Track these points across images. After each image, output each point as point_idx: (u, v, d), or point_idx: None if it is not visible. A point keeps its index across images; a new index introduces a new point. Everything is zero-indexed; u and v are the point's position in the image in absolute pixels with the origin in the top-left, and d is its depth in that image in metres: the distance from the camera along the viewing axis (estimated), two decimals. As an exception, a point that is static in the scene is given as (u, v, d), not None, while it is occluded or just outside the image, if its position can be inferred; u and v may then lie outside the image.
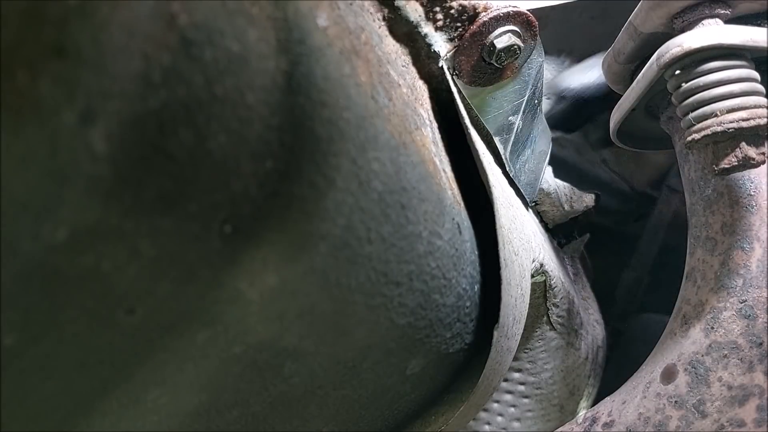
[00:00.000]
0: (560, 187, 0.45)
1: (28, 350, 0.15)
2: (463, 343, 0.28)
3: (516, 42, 0.30)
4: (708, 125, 0.28)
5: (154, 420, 0.20)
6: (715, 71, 0.28)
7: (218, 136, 0.15)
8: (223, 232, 0.16)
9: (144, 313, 0.16)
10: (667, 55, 0.29)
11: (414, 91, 0.28)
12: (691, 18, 0.30)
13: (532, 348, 0.40)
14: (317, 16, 0.19)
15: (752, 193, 0.31)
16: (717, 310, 0.31)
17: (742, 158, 0.28)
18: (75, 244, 0.14)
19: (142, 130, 0.14)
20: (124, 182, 0.14)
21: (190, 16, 0.14)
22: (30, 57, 0.12)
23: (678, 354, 0.31)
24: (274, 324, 0.20)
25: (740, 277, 0.30)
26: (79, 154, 0.13)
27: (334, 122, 0.18)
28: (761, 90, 0.28)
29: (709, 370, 0.30)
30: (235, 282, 0.18)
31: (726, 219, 0.31)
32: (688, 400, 0.30)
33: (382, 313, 0.23)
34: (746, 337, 0.30)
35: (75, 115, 0.13)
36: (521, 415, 0.42)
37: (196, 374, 0.20)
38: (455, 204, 0.27)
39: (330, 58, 0.19)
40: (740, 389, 0.29)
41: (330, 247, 0.19)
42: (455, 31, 0.29)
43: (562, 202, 0.44)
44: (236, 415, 0.22)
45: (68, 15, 0.12)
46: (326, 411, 0.25)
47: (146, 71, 0.14)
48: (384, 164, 0.21)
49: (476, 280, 0.28)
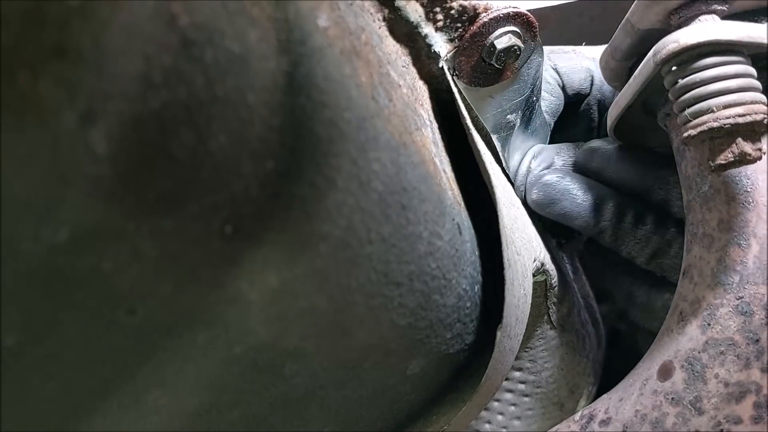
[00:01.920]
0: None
1: (29, 350, 0.15)
2: (463, 344, 0.28)
3: (516, 43, 0.30)
4: (704, 121, 0.28)
5: (154, 420, 0.20)
6: (712, 67, 0.28)
7: (219, 136, 0.15)
8: (224, 232, 0.16)
9: (145, 313, 0.16)
10: (663, 51, 0.29)
11: (414, 92, 0.28)
12: (688, 14, 0.30)
13: (532, 347, 0.40)
14: (318, 16, 0.19)
15: (749, 189, 0.31)
16: (713, 307, 0.31)
17: (738, 154, 0.28)
18: (76, 244, 0.14)
19: (143, 130, 0.14)
20: (125, 183, 0.14)
21: (190, 16, 0.14)
22: (31, 58, 0.12)
23: (675, 351, 0.31)
24: (275, 324, 0.20)
25: (737, 273, 0.30)
26: (79, 154, 0.13)
27: (334, 123, 0.18)
28: (758, 86, 0.28)
29: (706, 366, 0.30)
30: (235, 282, 0.18)
31: (723, 215, 0.31)
32: (685, 397, 0.30)
33: (382, 314, 0.23)
34: (743, 334, 0.30)
35: (76, 116, 0.13)
36: (521, 414, 0.42)
37: (196, 375, 0.20)
38: (455, 204, 0.27)
39: (331, 58, 0.19)
40: (737, 386, 0.29)
41: (331, 248, 0.19)
42: (455, 32, 0.29)
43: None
44: (237, 415, 0.22)
45: (69, 16, 0.12)
46: (327, 411, 0.25)
47: (147, 72, 0.14)
48: (384, 165, 0.21)
49: (477, 281, 0.28)
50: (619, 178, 0.38)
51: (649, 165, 0.37)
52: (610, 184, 0.38)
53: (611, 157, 0.38)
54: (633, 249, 0.38)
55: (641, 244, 0.37)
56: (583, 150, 0.39)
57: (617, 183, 0.38)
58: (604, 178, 0.38)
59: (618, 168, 0.38)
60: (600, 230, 0.38)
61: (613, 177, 0.38)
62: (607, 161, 0.38)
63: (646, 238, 0.37)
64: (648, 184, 0.37)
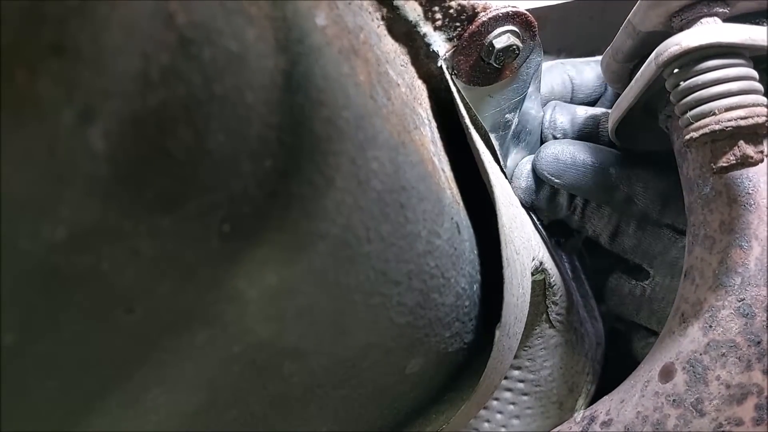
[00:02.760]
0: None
1: (27, 350, 0.15)
2: (462, 343, 0.28)
3: (515, 42, 0.30)
4: (706, 123, 0.28)
5: (153, 419, 0.20)
6: (714, 70, 0.28)
7: (217, 135, 0.15)
8: (222, 231, 0.16)
9: (143, 312, 0.16)
10: (665, 54, 0.29)
11: (413, 91, 0.28)
12: (690, 16, 0.30)
13: (531, 346, 0.40)
14: (316, 15, 0.19)
15: (750, 191, 0.31)
16: (715, 309, 0.31)
17: (740, 156, 0.28)
18: (74, 243, 0.14)
19: (141, 129, 0.14)
20: (123, 181, 0.14)
21: (188, 15, 0.14)
22: (29, 56, 0.12)
23: (676, 352, 0.31)
24: (274, 323, 0.20)
25: (738, 275, 0.30)
26: (78, 153, 0.13)
27: (333, 121, 0.18)
28: (759, 89, 0.28)
29: (708, 368, 0.30)
30: (234, 281, 0.18)
31: (724, 217, 0.31)
32: (687, 399, 0.30)
33: (381, 313, 0.23)
34: (744, 336, 0.30)
35: (74, 114, 0.13)
36: (520, 413, 0.42)
37: (195, 374, 0.20)
38: (454, 203, 0.27)
39: (329, 57, 0.19)
40: (738, 388, 0.29)
41: (329, 247, 0.19)
42: (454, 31, 0.29)
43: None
44: (236, 414, 0.22)
45: (68, 14, 0.12)
46: (326, 410, 0.25)
47: (145, 70, 0.14)
48: (383, 163, 0.21)
49: (476, 280, 0.28)
50: (578, 184, 0.38)
51: (608, 167, 0.38)
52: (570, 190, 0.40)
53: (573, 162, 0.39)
54: (597, 226, 0.40)
55: (604, 221, 0.40)
56: (543, 157, 0.39)
57: (576, 189, 0.39)
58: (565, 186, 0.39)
59: (577, 174, 0.39)
60: (572, 210, 0.40)
61: (573, 184, 0.39)
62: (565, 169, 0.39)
63: (609, 215, 0.40)
64: (609, 184, 0.38)
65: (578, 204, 0.40)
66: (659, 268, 0.39)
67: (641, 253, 0.40)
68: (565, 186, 0.38)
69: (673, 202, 0.37)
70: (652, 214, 0.38)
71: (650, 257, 0.39)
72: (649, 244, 0.39)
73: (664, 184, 0.37)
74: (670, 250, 0.38)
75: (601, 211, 0.40)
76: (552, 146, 0.38)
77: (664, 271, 0.39)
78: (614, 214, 0.40)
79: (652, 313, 0.40)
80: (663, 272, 0.39)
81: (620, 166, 0.38)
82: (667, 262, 0.38)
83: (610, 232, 0.40)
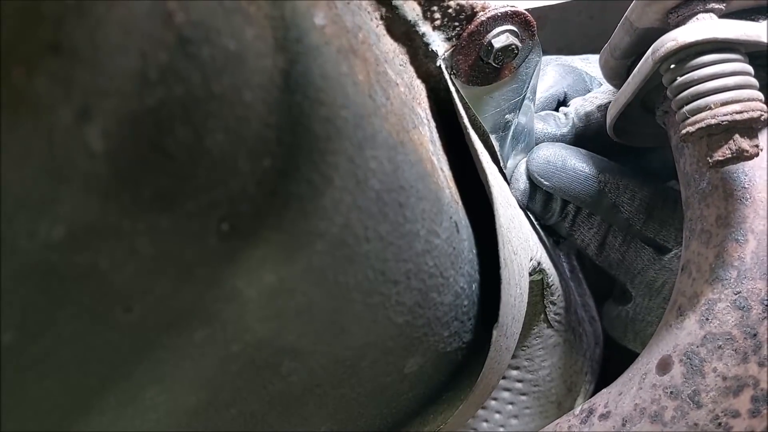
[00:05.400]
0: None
1: (26, 348, 0.15)
2: (461, 342, 0.28)
3: (514, 42, 0.30)
4: (702, 118, 0.28)
5: (152, 418, 0.20)
6: (710, 65, 0.28)
7: (216, 134, 0.15)
8: (220, 230, 0.16)
9: (142, 311, 0.16)
10: (661, 50, 0.29)
11: (412, 90, 0.28)
12: (686, 13, 0.30)
13: (529, 345, 0.40)
14: (315, 14, 0.19)
15: (746, 185, 0.31)
16: (712, 302, 0.31)
17: (735, 150, 0.28)
18: (72, 242, 0.14)
19: (140, 127, 0.14)
20: (122, 180, 0.14)
21: (186, 14, 0.14)
22: (26, 54, 0.12)
23: (673, 345, 0.32)
24: (272, 322, 0.20)
25: (735, 268, 0.30)
26: (75, 151, 0.13)
27: (331, 121, 0.18)
28: (755, 84, 0.28)
29: (704, 360, 0.30)
30: (233, 280, 0.18)
31: (720, 211, 0.31)
32: (684, 391, 0.30)
33: (380, 312, 0.23)
34: (740, 328, 0.30)
35: (71, 113, 0.13)
36: (519, 412, 0.42)
37: (194, 372, 0.20)
38: (453, 203, 0.27)
39: (327, 56, 0.19)
40: (735, 380, 0.30)
41: (328, 246, 0.19)
42: (453, 31, 0.29)
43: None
44: (234, 413, 0.22)
45: (65, 13, 0.12)
46: (324, 410, 0.25)
47: (143, 69, 0.14)
48: (382, 163, 0.21)
49: (474, 279, 0.28)
50: (566, 188, 0.39)
51: (598, 172, 0.38)
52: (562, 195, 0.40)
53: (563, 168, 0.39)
54: (586, 236, 0.40)
55: (593, 231, 0.40)
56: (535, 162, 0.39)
57: (564, 193, 0.39)
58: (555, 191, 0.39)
59: (566, 178, 0.39)
60: (563, 217, 0.40)
61: (560, 187, 0.39)
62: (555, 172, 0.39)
63: (598, 225, 0.40)
64: (597, 190, 0.38)
65: (570, 211, 0.40)
66: (639, 287, 0.39)
67: (624, 269, 0.40)
68: (553, 189, 0.38)
69: (656, 214, 0.37)
70: (635, 224, 0.38)
71: (632, 275, 0.40)
72: (631, 261, 0.39)
73: (650, 194, 0.37)
74: (649, 270, 0.38)
75: (590, 221, 0.40)
76: (544, 148, 0.39)
77: (643, 291, 0.39)
78: (603, 224, 0.40)
79: (636, 335, 0.41)
80: (642, 293, 0.39)
81: (610, 174, 0.38)
82: (645, 282, 0.39)
83: (598, 243, 0.40)
